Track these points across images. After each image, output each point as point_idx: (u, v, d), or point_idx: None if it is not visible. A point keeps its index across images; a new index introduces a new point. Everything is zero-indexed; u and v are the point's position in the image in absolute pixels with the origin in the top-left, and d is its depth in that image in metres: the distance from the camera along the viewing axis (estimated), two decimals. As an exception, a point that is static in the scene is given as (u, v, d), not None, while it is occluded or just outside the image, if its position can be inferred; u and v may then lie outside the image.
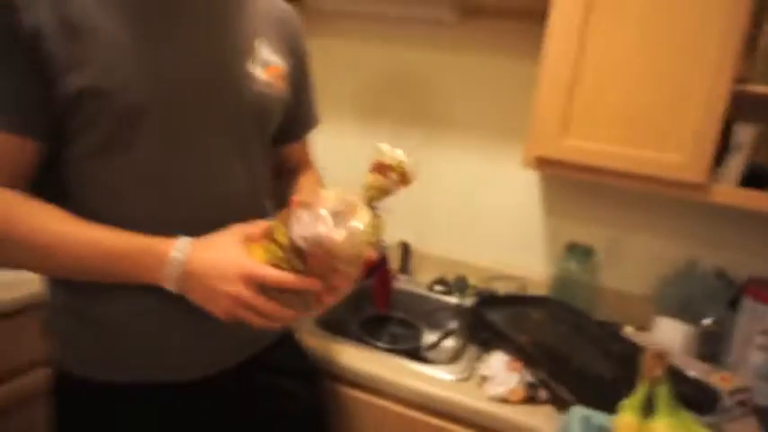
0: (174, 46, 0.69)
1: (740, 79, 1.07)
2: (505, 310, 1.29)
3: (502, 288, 1.47)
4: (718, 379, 1.17)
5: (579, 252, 1.41)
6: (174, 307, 0.69)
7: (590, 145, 1.16)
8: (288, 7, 0.90)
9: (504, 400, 1.06)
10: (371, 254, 0.65)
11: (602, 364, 1.15)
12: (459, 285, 1.53)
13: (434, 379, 1.11)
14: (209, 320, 0.68)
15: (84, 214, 0.67)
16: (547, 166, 1.23)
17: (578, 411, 0.83)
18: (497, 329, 1.18)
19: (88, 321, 0.74)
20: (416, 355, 1.33)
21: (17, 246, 0.64)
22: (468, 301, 1.41)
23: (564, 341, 1.21)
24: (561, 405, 1.04)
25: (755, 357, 1.22)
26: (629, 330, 1.38)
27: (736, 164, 1.17)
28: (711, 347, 1.31)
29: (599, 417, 0.81)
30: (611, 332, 1.29)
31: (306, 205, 0.61)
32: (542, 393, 1.08)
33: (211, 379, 0.79)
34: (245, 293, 0.61)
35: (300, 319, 0.70)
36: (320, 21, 1.63)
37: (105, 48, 0.64)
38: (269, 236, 0.64)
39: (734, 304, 1.31)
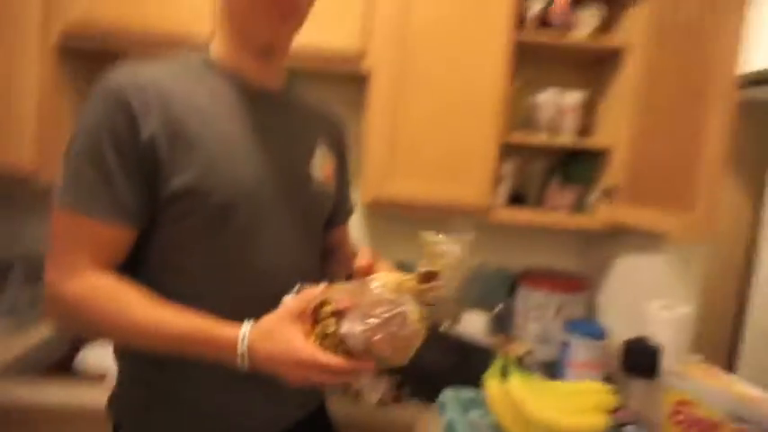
0: (254, 155, 0.81)
1: (504, 132, 1.52)
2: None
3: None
4: (512, 347, 1.58)
5: (403, 268, 1.73)
6: (239, 379, 0.77)
7: (410, 185, 1.48)
8: (335, 110, 1.05)
9: (382, 404, 1.28)
10: (413, 346, 0.72)
11: (443, 357, 1.45)
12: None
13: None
14: (273, 389, 0.78)
15: (154, 286, 0.76)
16: (379, 207, 1.51)
17: (449, 392, 1.10)
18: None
19: (158, 392, 0.82)
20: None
21: (109, 325, 0.73)
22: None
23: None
24: (424, 395, 1.31)
25: (532, 327, 1.69)
26: (446, 326, 1.74)
27: (504, 189, 1.62)
28: (502, 326, 1.75)
29: (464, 391, 1.09)
30: (441, 333, 1.63)
31: (355, 305, 0.68)
32: (407, 390, 1.34)
33: None
34: (304, 374, 0.70)
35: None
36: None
37: (200, 156, 0.75)
38: (318, 318, 0.71)
39: (512, 291, 1.78)
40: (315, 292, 0.73)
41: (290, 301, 0.72)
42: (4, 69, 1.38)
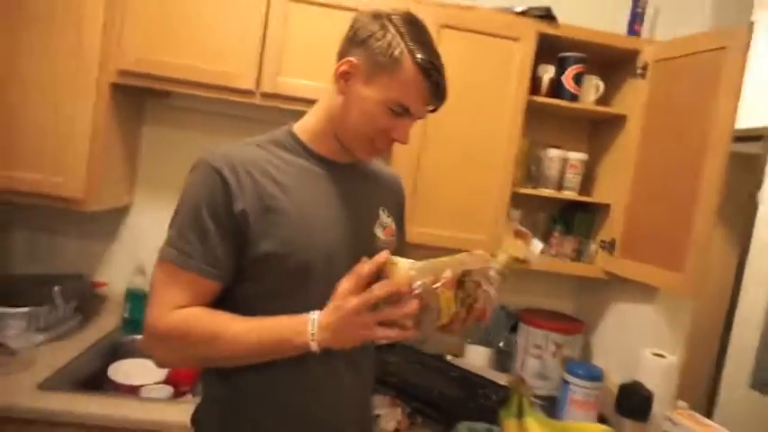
0: (327, 221, 0.94)
1: (514, 184, 1.67)
2: (372, 359, 1.63)
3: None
4: (526, 386, 1.71)
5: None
6: (298, 410, 0.93)
7: (428, 230, 1.61)
8: (396, 175, 1.17)
9: (396, 431, 1.40)
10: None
11: (450, 388, 1.57)
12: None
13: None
14: (323, 422, 0.93)
15: None
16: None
17: (464, 425, 1.21)
18: (377, 377, 1.51)
19: (230, 410, 0.95)
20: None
21: (202, 342, 0.86)
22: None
23: (420, 376, 1.61)
24: (434, 424, 1.43)
25: (531, 363, 1.82)
26: (449, 358, 1.86)
27: (511, 236, 1.76)
28: (505, 362, 1.88)
29: (479, 426, 1.21)
30: (445, 363, 1.75)
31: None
32: (418, 418, 1.46)
33: None
34: (362, 320, 0.81)
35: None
36: (179, 115, 1.84)
37: (284, 225, 0.89)
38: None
39: (514, 329, 1.91)
40: (363, 267, 0.84)
41: (343, 282, 0.84)
42: (68, 103, 1.49)
